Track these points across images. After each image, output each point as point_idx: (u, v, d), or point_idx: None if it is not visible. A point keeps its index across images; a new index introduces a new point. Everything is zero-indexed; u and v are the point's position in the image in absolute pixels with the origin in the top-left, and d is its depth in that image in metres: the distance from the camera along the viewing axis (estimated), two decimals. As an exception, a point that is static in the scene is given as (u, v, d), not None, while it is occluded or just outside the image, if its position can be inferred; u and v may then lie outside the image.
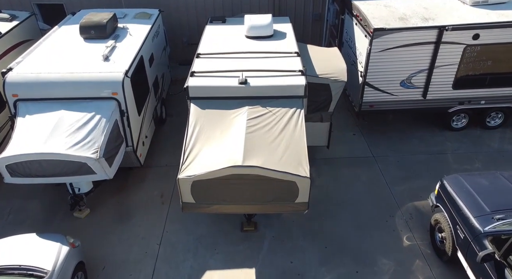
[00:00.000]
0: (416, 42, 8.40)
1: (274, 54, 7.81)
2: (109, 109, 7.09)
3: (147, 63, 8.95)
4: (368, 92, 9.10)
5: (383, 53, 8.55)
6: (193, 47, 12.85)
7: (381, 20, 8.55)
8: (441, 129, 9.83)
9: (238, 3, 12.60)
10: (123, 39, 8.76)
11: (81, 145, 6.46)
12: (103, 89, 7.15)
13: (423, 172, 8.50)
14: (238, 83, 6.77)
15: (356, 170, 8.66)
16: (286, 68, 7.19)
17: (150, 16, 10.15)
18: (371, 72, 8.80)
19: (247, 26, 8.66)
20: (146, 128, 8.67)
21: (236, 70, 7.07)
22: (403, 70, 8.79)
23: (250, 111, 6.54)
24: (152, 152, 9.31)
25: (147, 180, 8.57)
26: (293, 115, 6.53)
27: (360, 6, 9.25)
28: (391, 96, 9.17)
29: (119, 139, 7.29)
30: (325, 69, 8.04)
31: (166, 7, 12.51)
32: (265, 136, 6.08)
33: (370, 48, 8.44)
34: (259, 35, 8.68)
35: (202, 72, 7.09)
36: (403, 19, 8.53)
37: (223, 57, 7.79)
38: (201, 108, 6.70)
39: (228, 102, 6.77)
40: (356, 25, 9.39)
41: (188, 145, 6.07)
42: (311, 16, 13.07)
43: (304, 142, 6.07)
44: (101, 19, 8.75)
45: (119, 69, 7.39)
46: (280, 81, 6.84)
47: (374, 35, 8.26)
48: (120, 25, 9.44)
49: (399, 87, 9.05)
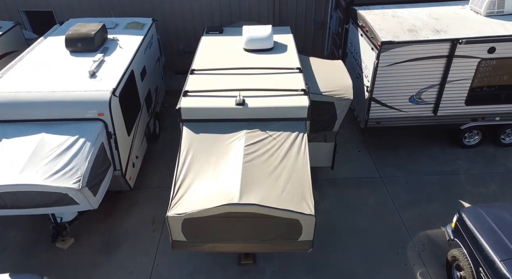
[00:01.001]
0: (426, 56, 7.81)
1: (274, 70, 7.24)
2: (94, 132, 6.50)
3: (138, 78, 8.37)
4: (375, 108, 8.52)
5: (391, 68, 7.97)
6: (189, 56, 12.32)
7: (389, 32, 7.97)
8: (452, 146, 9.24)
9: (236, 10, 12.03)
10: (113, 52, 8.17)
11: (62, 173, 5.86)
12: (88, 110, 6.55)
13: (435, 195, 7.91)
14: (235, 104, 6.19)
15: (362, 193, 8.07)
16: (288, 87, 6.61)
17: (143, 26, 9.56)
18: (378, 87, 8.22)
19: (245, 39, 8.08)
20: (137, 148, 8.08)
21: (233, 89, 6.50)
22: (413, 85, 8.21)
23: (248, 136, 5.96)
24: (143, 171, 8.71)
25: (138, 203, 7.98)
26: (295, 140, 5.95)
27: (366, 16, 8.67)
28: (399, 112, 8.58)
29: (105, 163, 6.71)
30: (329, 85, 7.46)
31: (161, 15, 11.94)
32: (265, 165, 5.50)
33: (377, 62, 7.86)
34: (258, 48, 8.09)
35: (196, 91, 6.51)
36: (413, 31, 7.96)
37: (219, 73, 7.22)
38: (195, 132, 6.11)
39: (224, 125, 6.18)
40: (362, 36, 8.81)
41: (179, 176, 5.48)
42: (312, 24, 12.50)
43: (307, 172, 5.49)
44: (89, 30, 8.16)
45: (106, 87, 6.81)
46: (281, 102, 6.25)
47: (382, 48, 7.68)
48: (110, 36, 8.86)
49: (408, 103, 8.46)
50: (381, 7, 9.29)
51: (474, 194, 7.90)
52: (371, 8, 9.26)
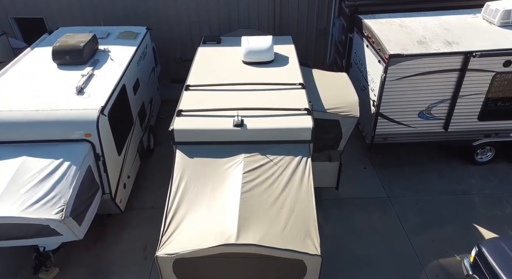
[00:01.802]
0: (437, 70, 7.32)
1: (275, 86, 6.75)
2: (80, 154, 6.00)
3: (130, 92, 7.88)
4: (382, 124, 8.02)
5: (400, 82, 7.48)
6: (186, 64, 11.84)
7: (397, 44, 7.48)
8: (463, 162, 8.73)
9: (235, 17, 11.54)
10: (103, 65, 7.67)
11: (43, 202, 5.35)
12: (73, 130, 6.05)
13: (446, 218, 7.41)
14: (233, 125, 5.70)
15: (369, 215, 7.57)
16: (290, 105, 6.12)
17: (136, 35, 9.07)
18: (385, 102, 7.72)
19: (244, 51, 7.58)
20: (129, 167, 7.58)
21: (231, 108, 6.01)
22: (422, 100, 7.71)
23: (247, 161, 5.46)
24: (136, 191, 8.19)
25: (129, 227, 7.47)
26: (298, 165, 5.45)
27: (372, 26, 8.19)
28: (407, 128, 8.09)
29: (93, 187, 6.21)
30: (334, 101, 6.97)
31: (157, 22, 11.45)
32: (265, 195, 5.00)
33: (385, 76, 7.37)
34: (258, 60, 7.60)
35: (191, 111, 6.02)
36: (423, 43, 7.47)
37: (216, 89, 6.73)
38: (189, 156, 5.62)
39: (221, 148, 5.68)
40: (368, 48, 8.32)
41: (171, 208, 4.98)
42: (314, 31, 12.01)
43: (312, 203, 4.99)
44: (78, 42, 7.67)
45: (94, 105, 6.31)
46: (282, 123, 5.76)
47: (390, 62, 7.19)
48: (101, 47, 8.38)
49: (417, 119, 7.97)
50: (388, 16, 8.81)
51: (489, 218, 7.40)
52: (377, 17, 8.77)
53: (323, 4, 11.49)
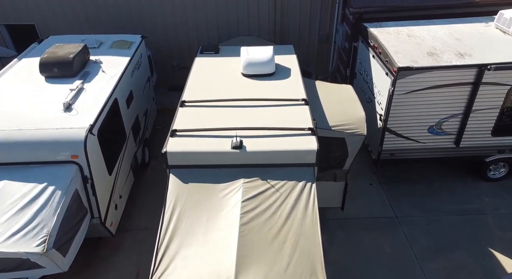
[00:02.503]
0: (449, 83, 6.90)
1: (276, 102, 6.31)
2: (67, 177, 5.56)
3: (123, 106, 7.43)
4: (389, 139, 7.58)
5: (409, 96, 7.04)
6: (183, 71, 11.44)
7: (406, 55, 7.05)
8: (475, 179, 8.29)
9: (234, 23, 11.11)
10: (94, 77, 7.23)
11: (23, 233, 4.90)
12: (59, 152, 5.61)
13: (459, 241, 6.96)
14: (231, 147, 5.27)
15: (377, 237, 7.12)
16: (292, 124, 5.68)
17: (130, 44, 8.63)
18: (393, 117, 7.28)
19: (244, 63, 7.14)
20: (121, 186, 7.13)
21: (229, 128, 5.57)
22: (432, 115, 7.27)
23: (246, 188, 5.02)
24: (129, 209, 7.74)
25: (121, 250, 7.02)
26: (302, 192, 5.01)
27: (378, 36, 7.75)
28: (416, 144, 7.65)
29: (80, 213, 5.77)
30: (339, 117, 6.53)
31: (153, 29, 11.00)
32: (266, 228, 4.56)
33: (393, 89, 6.93)
34: (258, 73, 7.18)
35: (186, 131, 5.59)
36: (433, 55, 7.04)
37: (214, 105, 6.29)
38: (183, 181, 5.18)
39: (218, 172, 5.23)
40: (374, 58, 7.89)
41: (162, 242, 4.54)
42: (316, 37, 11.57)
43: (318, 236, 4.54)
44: (67, 53, 7.22)
45: (82, 124, 5.86)
46: (284, 144, 5.32)
47: (399, 75, 6.76)
48: (92, 58, 7.94)
49: (427, 134, 7.53)
50: (395, 24, 8.38)
51: (506, 240, 6.94)
52: (383, 25, 8.34)
53: (325, 10, 11.06)
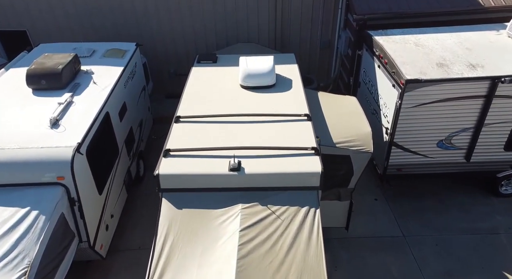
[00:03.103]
0: (460, 96, 6.52)
1: (277, 117, 5.94)
2: (52, 200, 5.16)
3: (115, 119, 7.05)
4: (396, 154, 7.19)
5: (417, 109, 6.66)
6: (181, 78, 11.06)
7: (414, 67, 6.67)
8: (486, 194, 7.88)
9: (233, 29, 10.72)
10: (84, 89, 6.84)
11: (2, 264, 4.47)
12: (44, 173, 5.22)
13: (472, 264, 6.55)
14: (228, 169, 4.89)
15: (383, 258, 6.72)
16: (295, 143, 5.29)
17: (124, 53, 8.24)
18: (400, 131, 6.91)
19: (242, 74, 6.76)
20: (112, 205, 6.73)
21: (226, 147, 5.19)
22: (442, 129, 6.89)
23: (245, 214, 4.64)
24: (122, 228, 7.31)
25: (112, 273, 6.58)
26: (305, 219, 4.63)
27: (384, 45, 7.37)
28: (425, 158, 7.26)
29: (66, 238, 5.36)
30: (344, 133, 6.14)
31: (149, 35, 10.62)
32: (266, 261, 4.17)
33: (401, 102, 6.55)
34: (258, 85, 6.80)
35: (180, 150, 5.21)
36: (443, 66, 6.66)
37: (210, 121, 5.91)
38: (177, 206, 4.79)
39: (214, 196, 4.85)
40: (379, 68, 7.51)
41: (153, 276, 4.17)
42: (318, 44, 11.20)
43: (323, 270, 4.16)
44: (56, 64, 6.84)
45: (69, 142, 5.48)
46: (286, 166, 4.93)
47: (407, 87, 6.39)
48: (83, 68, 7.55)
49: (436, 148, 7.15)
50: (401, 32, 8.00)
51: (520, 263, 6.59)
52: (389, 33, 7.96)
53: (327, 15, 10.69)
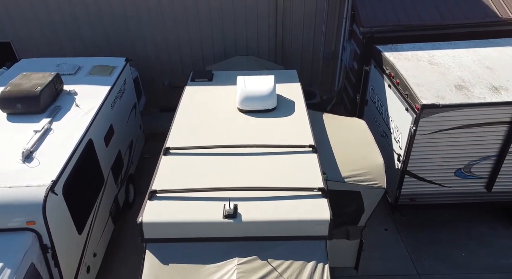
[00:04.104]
0: (482, 122, 5.90)
1: (278, 149, 5.29)
2: (20, 249, 4.48)
3: (100, 145, 6.38)
4: (409, 183, 6.56)
5: (433, 136, 6.02)
6: (175, 91, 10.39)
7: (430, 89, 6.03)
8: (508, 225, 7.20)
9: (231, 39, 10.08)
10: (65, 114, 6.17)
11: None
12: (11, 217, 4.54)
13: (494, 308, 5.96)
14: (223, 216, 4.25)
15: (395, 301, 6.12)
16: (299, 182, 4.61)
17: (112, 70, 7.57)
18: (414, 159, 6.27)
19: (240, 97, 6.11)
20: (95, 242, 6.04)
21: (221, 188, 4.54)
22: (461, 157, 6.24)
23: (241, 271, 3.97)
24: (106, 263, 6.60)
25: (96, 318, 6.01)
26: (313, 276, 4.00)
27: (395, 63, 6.73)
28: (441, 188, 6.62)
29: (39, 290, 4.75)
30: (354, 166, 5.48)
31: (142, 47, 10.01)
32: None
33: (415, 129, 5.91)
34: (257, 108, 6.16)
35: (168, 191, 4.56)
36: (462, 88, 6.02)
37: (204, 153, 5.27)
38: (163, 260, 4.13)
39: (206, 247, 4.20)
40: (390, 88, 6.87)
41: None
42: (321, 55, 10.57)
43: None
44: (34, 85, 6.18)
45: (42, 180, 4.79)
46: (289, 212, 4.27)
47: (423, 113, 5.76)
48: (66, 87, 6.90)
49: (454, 177, 6.49)
50: (412, 47, 7.37)
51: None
52: (400, 49, 7.32)
53: (331, 26, 10.06)
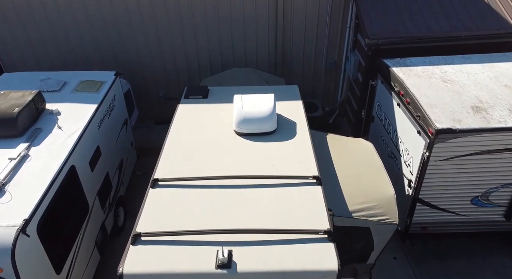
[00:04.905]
0: (502, 148, 5.39)
1: (279, 181, 4.78)
2: (-13, 300, 4.05)
3: (84, 171, 5.84)
4: (421, 211, 6.04)
5: (449, 162, 5.49)
6: (171, 102, 9.87)
7: (445, 111, 5.51)
8: (525, 254, 6.78)
9: (228, 47, 9.53)
10: (46, 137, 5.63)
11: None
12: (-24, 264, 4.11)
13: None
14: (215, 265, 3.74)
15: None
16: (302, 223, 4.07)
17: (100, 86, 7.03)
18: (427, 186, 5.76)
19: (237, 118, 5.58)
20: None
21: (214, 230, 4.02)
22: (478, 184, 5.72)
23: None
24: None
25: None
26: None
27: (405, 80, 6.21)
28: (456, 216, 6.09)
29: None
30: (361, 197, 4.95)
31: (135, 57, 9.50)
32: None
33: (429, 155, 5.40)
34: (255, 131, 5.63)
35: (155, 234, 4.04)
36: (480, 110, 5.50)
37: (196, 185, 4.75)
38: (145, 319, 3.65)
39: (196, 302, 3.73)
40: (399, 107, 6.36)
41: None
42: (324, 65, 10.05)
43: None
44: (11, 107, 5.65)
45: (13, 219, 4.25)
46: (291, 261, 3.73)
47: (438, 139, 5.26)
48: (49, 106, 6.39)
49: (470, 205, 5.97)
50: (423, 62, 6.85)
51: None
52: (409, 64, 6.81)
53: (334, 35, 9.55)
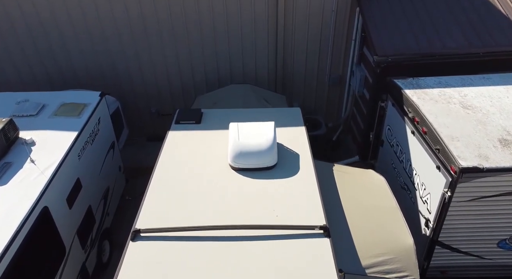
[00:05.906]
0: (535, 188, 4.76)
1: (280, 232, 4.11)
2: None
3: (60, 210, 5.12)
4: (440, 254, 5.38)
5: (473, 203, 4.82)
6: (164, 118, 9.35)
7: (469, 145, 4.85)
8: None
9: (225, 60, 8.90)
10: (15, 174, 4.93)
11: None
12: None
13: None
14: None
15: None
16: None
17: (83, 109, 6.33)
18: (448, 229, 5.11)
19: (233, 152, 4.89)
20: None
21: None
22: (506, 227, 5.07)
23: None
24: None
25: None
26: None
27: (420, 106, 5.54)
28: (480, 260, 5.41)
29: None
30: (375, 247, 4.29)
31: (125, 72, 8.91)
32: None
33: (451, 195, 4.75)
34: (253, 166, 4.96)
35: None
36: (510, 144, 4.85)
37: (183, 237, 4.08)
38: None
39: None
40: (414, 135, 5.71)
41: None
42: (327, 80, 9.43)
43: None
44: (-22, 138, 5.08)
45: (-34, 282, 3.71)
46: None
47: (462, 179, 4.61)
48: (23, 135, 5.71)
49: (496, 249, 5.29)
50: (438, 83, 6.17)
51: None
52: (423, 86, 6.14)
53: (338, 48, 8.92)
